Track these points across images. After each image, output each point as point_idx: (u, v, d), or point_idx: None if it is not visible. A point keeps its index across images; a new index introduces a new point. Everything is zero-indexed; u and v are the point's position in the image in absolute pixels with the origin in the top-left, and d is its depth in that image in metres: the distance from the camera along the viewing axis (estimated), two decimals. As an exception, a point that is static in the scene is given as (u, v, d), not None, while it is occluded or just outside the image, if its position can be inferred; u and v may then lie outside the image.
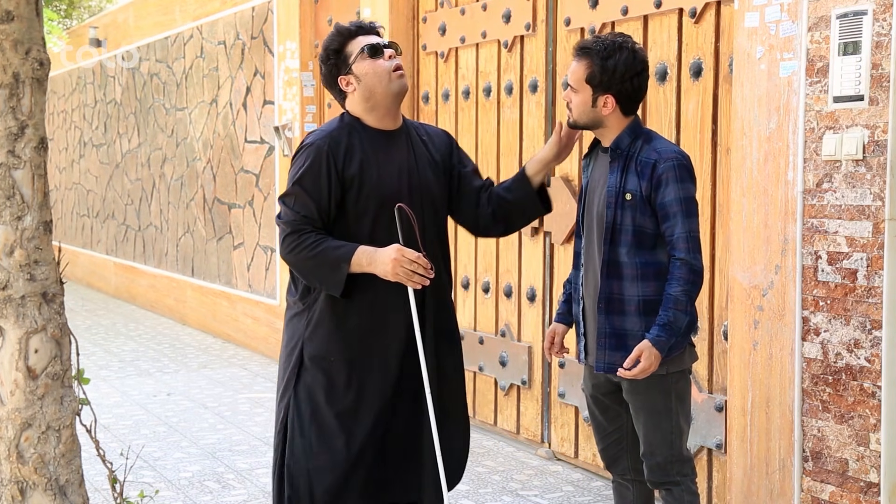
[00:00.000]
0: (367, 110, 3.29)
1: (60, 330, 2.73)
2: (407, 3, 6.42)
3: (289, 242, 3.21)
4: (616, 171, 3.29)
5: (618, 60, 3.25)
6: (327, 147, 3.21)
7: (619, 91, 3.27)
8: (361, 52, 3.24)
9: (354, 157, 3.22)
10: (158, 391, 7.07)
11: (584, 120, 3.34)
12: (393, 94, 3.26)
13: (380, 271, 3.15)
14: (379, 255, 3.15)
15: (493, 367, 5.77)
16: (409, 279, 3.14)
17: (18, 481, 2.68)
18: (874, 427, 3.56)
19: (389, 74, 3.24)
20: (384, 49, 3.26)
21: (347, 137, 3.24)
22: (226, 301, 9.07)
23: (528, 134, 5.49)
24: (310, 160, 3.21)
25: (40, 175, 2.69)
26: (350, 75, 3.27)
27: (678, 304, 3.19)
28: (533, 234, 5.43)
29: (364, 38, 3.27)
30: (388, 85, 3.24)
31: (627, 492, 3.56)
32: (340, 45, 3.29)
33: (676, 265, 3.21)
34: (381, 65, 3.24)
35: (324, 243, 3.17)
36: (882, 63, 3.48)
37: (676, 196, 3.21)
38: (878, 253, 3.53)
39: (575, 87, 3.32)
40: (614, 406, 3.48)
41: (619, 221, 3.26)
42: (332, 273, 3.17)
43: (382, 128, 3.30)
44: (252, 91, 8.54)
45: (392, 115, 3.32)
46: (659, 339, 3.18)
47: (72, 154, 13.59)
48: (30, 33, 2.65)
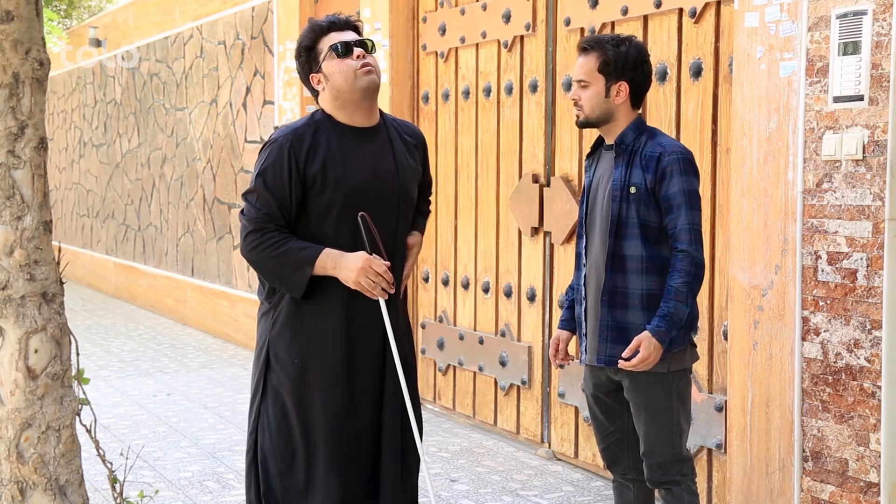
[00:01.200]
0: (337, 108, 3.23)
1: (60, 330, 2.73)
2: (407, 3, 6.42)
3: (250, 240, 3.15)
4: (621, 166, 3.31)
5: (629, 47, 3.32)
6: (289, 144, 3.15)
7: (632, 78, 3.31)
8: (330, 50, 3.19)
9: (318, 155, 3.15)
10: (158, 391, 7.07)
11: (597, 113, 3.34)
12: (360, 90, 3.18)
13: (343, 276, 3.10)
14: (345, 261, 3.10)
15: (493, 367, 5.77)
16: (371, 290, 3.10)
17: (18, 481, 2.68)
18: (874, 427, 3.56)
19: (355, 73, 3.16)
20: (355, 47, 3.19)
21: (313, 134, 3.19)
22: (226, 301, 9.07)
23: (528, 134, 5.48)
24: (272, 157, 3.16)
25: (40, 175, 2.69)
26: (320, 73, 3.22)
27: (679, 295, 3.20)
28: (533, 234, 5.43)
29: (336, 35, 3.21)
30: (353, 83, 3.16)
31: (628, 491, 3.56)
32: (312, 41, 3.24)
33: (678, 257, 3.22)
34: (347, 64, 3.17)
35: (287, 243, 3.12)
36: (882, 63, 3.48)
37: (680, 188, 3.23)
38: (877, 253, 3.53)
39: (586, 79, 3.33)
40: (615, 405, 3.48)
41: (625, 214, 3.28)
42: (293, 274, 3.12)
43: (354, 125, 3.23)
44: (252, 91, 8.55)
45: (364, 112, 3.24)
46: (658, 330, 3.19)
47: (72, 154, 13.59)
48: (30, 33, 2.65)
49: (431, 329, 6.32)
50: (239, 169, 8.81)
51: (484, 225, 5.87)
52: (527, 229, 5.45)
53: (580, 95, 3.35)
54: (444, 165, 6.21)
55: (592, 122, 3.37)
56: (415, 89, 6.45)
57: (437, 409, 6.36)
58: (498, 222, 5.76)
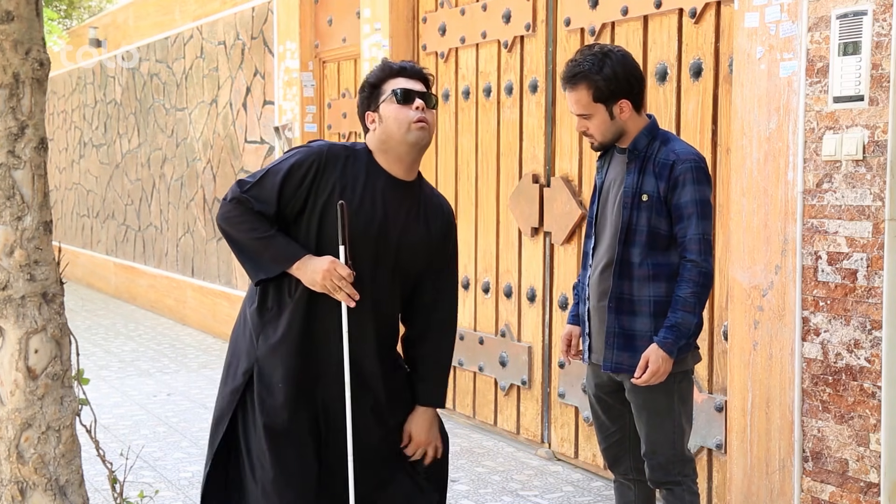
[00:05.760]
0: (381, 151, 3.18)
1: (60, 330, 2.73)
2: (407, 4, 6.42)
3: (232, 210, 3.09)
4: (633, 172, 3.30)
5: (613, 66, 3.27)
6: (323, 155, 3.11)
7: (628, 92, 3.29)
8: (392, 94, 3.15)
9: (336, 185, 3.11)
10: (158, 391, 7.07)
11: (610, 136, 3.35)
12: (408, 144, 3.13)
13: (307, 279, 3.07)
14: (311, 263, 3.07)
15: (493, 367, 5.77)
16: (334, 292, 3.06)
17: (18, 481, 2.68)
18: (874, 427, 3.56)
19: (409, 124, 3.11)
20: (416, 98, 3.15)
21: (345, 159, 3.15)
22: (226, 301, 9.07)
23: (528, 134, 5.49)
24: (296, 157, 3.11)
25: (40, 175, 2.69)
26: (376, 113, 3.18)
27: (686, 305, 3.20)
28: (533, 235, 5.43)
29: (404, 81, 3.17)
30: (405, 134, 3.12)
31: (629, 492, 3.56)
32: (378, 80, 3.19)
33: (687, 267, 3.22)
34: (404, 112, 3.12)
35: (271, 230, 3.08)
36: (882, 63, 3.48)
37: (692, 198, 3.22)
38: (878, 253, 3.53)
39: (586, 112, 3.31)
40: (617, 406, 3.48)
41: (635, 222, 3.27)
42: (267, 263, 3.10)
43: (392, 174, 3.19)
44: (252, 91, 8.55)
45: (405, 165, 3.19)
46: (666, 341, 3.19)
47: (72, 154, 13.59)
48: (30, 33, 2.65)
49: (431, 329, 6.31)
50: (239, 169, 8.81)
51: (484, 225, 5.88)
52: (527, 229, 5.45)
53: (587, 126, 3.34)
54: (444, 166, 6.21)
55: (608, 144, 3.38)
56: (415, 89, 6.45)
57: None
58: (498, 222, 5.76)
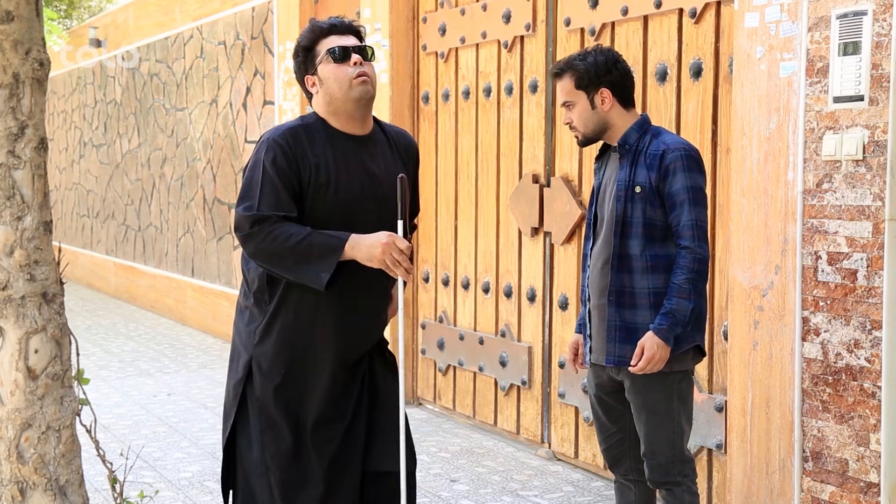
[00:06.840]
0: (329, 113, 3.15)
1: (60, 330, 2.73)
2: (407, 3, 6.42)
3: (258, 232, 3.00)
4: (626, 166, 3.33)
5: (595, 56, 3.38)
6: (286, 142, 3.06)
7: (609, 81, 3.36)
8: (328, 54, 3.11)
9: (308, 160, 3.07)
10: (158, 391, 7.07)
11: (591, 127, 3.40)
12: (353, 100, 3.10)
13: (364, 255, 2.99)
14: (366, 238, 3.00)
15: (493, 367, 5.77)
16: (393, 267, 3.00)
17: (18, 481, 2.68)
18: (874, 427, 3.56)
19: (350, 81, 3.08)
20: (353, 54, 3.11)
21: (307, 137, 3.10)
22: (226, 301, 9.06)
23: (528, 134, 5.49)
24: (271, 152, 3.05)
25: (40, 175, 2.69)
26: (315, 76, 3.14)
27: (681, 291, 3.22)
28: (533, 235, 5.43)
29: (337, 39, 3.13)
30: (347, 91, 3.08)
31: (629, 492, 3.57)
32: (311, 42, 3.16)
33: (681, 254, 3.24)
34: (343, 70, 3.09)
35: (304, 230, 3.00)
36: (882, 63, 3.48)
37: (684, 185, 3.25)
38: (878, 253, 3.53)
39: (570, 100, 3.40)
40: (617, 406, 3.49)
41: (630, 214, 3.30)
42: (319, 262, 2.99)
43: (348, 132, 3.16)
44: (252, 91, 8.55)
45: (357, 120, 3.16)
46: (661, 328, 3.20)
47: (72, 154, 13.59)
48: (30, 33, 2.65)
49: (431, 329, 6.32)
50: (239, 169, 8.81)
51: (484, 225, 5.88)
52: (527, 229, 5.45)
53: (571, 117, 3.42)
54: (444, 166, 6.21)
55: (591, 136, 3.43)
56: (415, 90, 6.45)
57: (437, 409, 6.36)
58: (498, 222, 5.76)
